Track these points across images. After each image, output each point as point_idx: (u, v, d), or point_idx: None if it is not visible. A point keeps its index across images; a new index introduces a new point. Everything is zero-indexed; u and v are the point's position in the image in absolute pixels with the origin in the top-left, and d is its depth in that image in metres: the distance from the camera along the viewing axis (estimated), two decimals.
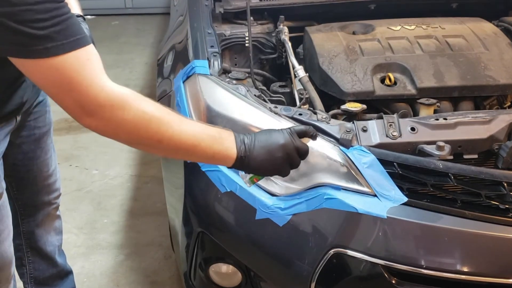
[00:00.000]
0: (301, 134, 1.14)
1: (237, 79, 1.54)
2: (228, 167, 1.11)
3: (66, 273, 1.82)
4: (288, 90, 1.64)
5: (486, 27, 1.71)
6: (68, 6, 0.95)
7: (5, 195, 1.33)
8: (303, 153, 1.12)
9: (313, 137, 1.16)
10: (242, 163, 1.07)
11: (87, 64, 0.94)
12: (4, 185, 1.32)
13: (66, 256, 1.84)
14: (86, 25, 1.40)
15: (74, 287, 1.87)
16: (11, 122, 1.32)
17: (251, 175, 1.16)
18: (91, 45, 0.97)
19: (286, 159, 1.10)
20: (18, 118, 1.36)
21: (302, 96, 1.52)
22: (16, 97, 1.28)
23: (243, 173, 1.16)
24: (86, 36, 0.96)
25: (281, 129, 1.13)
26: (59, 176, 1.66)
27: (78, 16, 1.41)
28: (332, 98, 1.55)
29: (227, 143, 1.07)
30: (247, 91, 1.44)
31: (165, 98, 1.71)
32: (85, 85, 0.94)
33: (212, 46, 1.66)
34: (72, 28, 0.93)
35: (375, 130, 1.31)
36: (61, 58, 0.92)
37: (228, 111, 1.39)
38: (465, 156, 1.31)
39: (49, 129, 1.56)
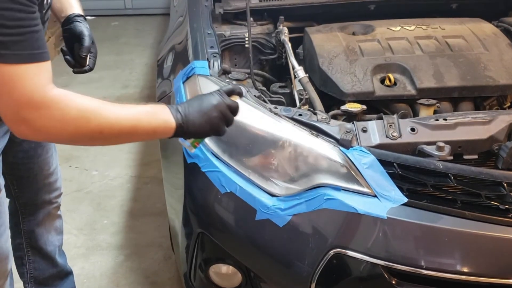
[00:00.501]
0: (229, 93, 1.22)
1: (237, 80, 1.54)
2: (170, 137, 1.14)
3: (66, 274, 1.81)
4: (288, 91, 1.64)
5: (486, 28, 1.71)
6: (40, 19, 0.97)
7: (3, 192, 1.33)
8: (234, 109, 1.19)
9: (240, 95, 1.25)
10: (182, 130, 1.12)
11: (34, 79, 0.96)
12: (3, 181, 1.33)
13: (66, 256, 1.84)
14: (87, 25, 1.40)
15: (74, 287, 1.87)
16: None
17: (192, 140, 1.21)
18: (47, 62, 0.99)
19: (221, 117, 1.16)
20: None
21: (302, 97, 1.53)
22: None
23: (184, 140, 1.22)
24: (44, 52, 0.98)
25: (211, 92, 1.19)
26: (60, 175, 1.67)
27: (79, 15, 1.42)
28: (332, 99, 1.55)
29: (163, 115, 1.11)
30: (247, 91, 1.44)
31: (165, 99, 1.71)
32: (26, 98, 0.95)
33: (212, 47, 1.66)
34: (32, 42, 0.95)
35: (375, 131, 1.31)
36: (9, 67, 0.93)
37: None
38: (465, 157, 1.32)
39: None
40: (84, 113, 1.01)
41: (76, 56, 1.38)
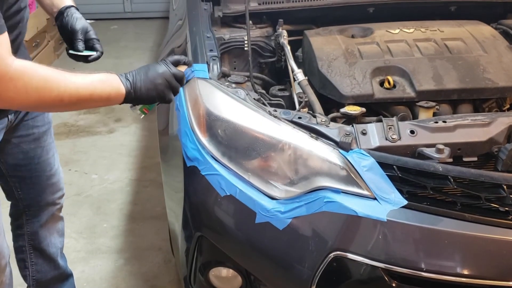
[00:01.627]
0: (176, 63, 1.32)
1: (236, 83, 1.54)
2: (121, 103, 1.23)
3: (66, 276, 1.83)
4: (288, 94, 1.64)
5: (484, 30, 1.72)
6: None
7: None
8: (179, 78, 1.29)
9: (187, 63, 1.35)
10: (130, 96, 1.21)
11: None
12: None
13: (66, 259, 1.84)
14: (79, 15, 1.43)
15: None
16: (2, 121, 1.35)
17: (140, 106, 1.30)
18: (4, 35, 1.04)
19: (166, 85, 1.26)
20: (10, 117, 1.38)
21: (301, 100, 1.53)
22: None
23: (134, 106, 1.31)
24: (1, 25, 1.04)
25: (157, 62, 1.30)
26: (62, 176, 1.68)
27: (70, 6, 1.44)
28: (331, 102, 1.55)
29: (115, 83, 1.20)
30: (247, 94, 1.44)
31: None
32: None
33: (211, 50, 1.66)
34: None
35: (374, 133, 1.31)
36: None
37: (228, 115, 1.39)
38: (465, 159, 1.32)
39: (49, 128, 1.57)
40: (46, 84, 1.07)
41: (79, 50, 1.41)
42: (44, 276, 1.75)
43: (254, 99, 1.44)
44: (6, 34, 1.04)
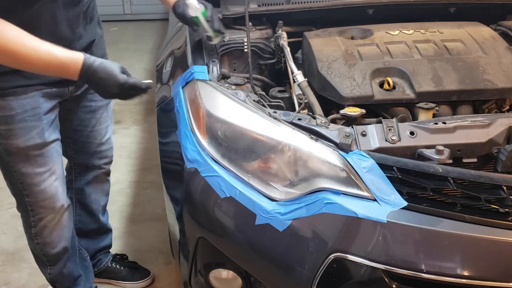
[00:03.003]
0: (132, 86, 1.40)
1: (236, 84, 1.55)
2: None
3: (105, 231, 2.08)
4: (287, 95, 1.64)
5: (484, 31, 1.72)
6: None
7: (53, 146, 1.57)
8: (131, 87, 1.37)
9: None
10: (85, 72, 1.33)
11: None
12: (54, 136, 1.57)
13: (108, 216, 2.08)
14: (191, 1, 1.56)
15: (110, 244, 2.12)
16: (63, 90, 1.56)
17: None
18: None
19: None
20: (71, 88, 1.59)
21: (301, 101, 1.53)
22: None
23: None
24: None
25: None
26: (112, 146, 1.91)
27: None
28: (331, 103, 1.55)
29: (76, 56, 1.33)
30: (246, 96, 1.44)
31: (164, 104, 1.72)
32: None
33: (210, 52, 1.67)
34: None
35: (374, 135, 1.31)
36: None
37: (227, 117, 1.39)
38: (465, 160, 1.32)
39: (107, 104, 1.79)
40: (11, 55, 1.25)
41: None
42: (85, 226, 1.98)
43: (254, 100, 1.45)
44: None
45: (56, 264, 1.76)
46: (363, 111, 1.43)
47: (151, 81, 1.38)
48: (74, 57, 1.30)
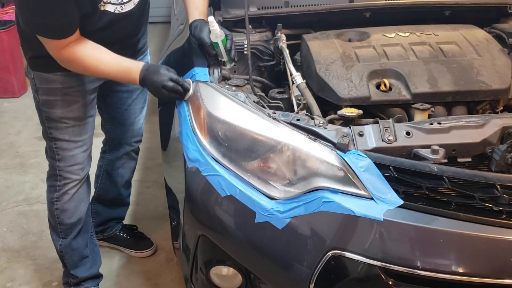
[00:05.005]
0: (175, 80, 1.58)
1: (236, 86, 1.56)
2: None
3: (123, 204, 2.27)
4: (286, 96, 1.65)
5: (478, 34, 1.73)
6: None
7: (89, 120, 1.78)
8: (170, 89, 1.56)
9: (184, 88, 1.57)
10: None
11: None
12: (91, 113, 1.78)
13: (131, 191, 2.26)
14: (203, 25, 1.63)
15: (123, 217, 2.30)
16: None
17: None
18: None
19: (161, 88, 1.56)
20: None
21: (299, 102, 1.54)
22: None
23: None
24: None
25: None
26: (143, 126, 2.12)
27: (195, 21, 1.66)
28: (329, 104, 1.57)
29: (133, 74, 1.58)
30: (246, 97, 1.46)
31: (166, 105, 1.73)
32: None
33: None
34: None
35: (371, 135, 1.33)
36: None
37: (228, 117, 1.41)
38: (459, 160, 1.34)
39: (143, 89, 1.91)
40: (90, 70, 1.58)
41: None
42: (106, 195, 2.19)
43: (254, 101, 1.46)
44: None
45: (68, 236, 1.88)
46: (360, 111, 1.45)
47: (190, 81, 1.53)
48: (135, 66, 1.56)
